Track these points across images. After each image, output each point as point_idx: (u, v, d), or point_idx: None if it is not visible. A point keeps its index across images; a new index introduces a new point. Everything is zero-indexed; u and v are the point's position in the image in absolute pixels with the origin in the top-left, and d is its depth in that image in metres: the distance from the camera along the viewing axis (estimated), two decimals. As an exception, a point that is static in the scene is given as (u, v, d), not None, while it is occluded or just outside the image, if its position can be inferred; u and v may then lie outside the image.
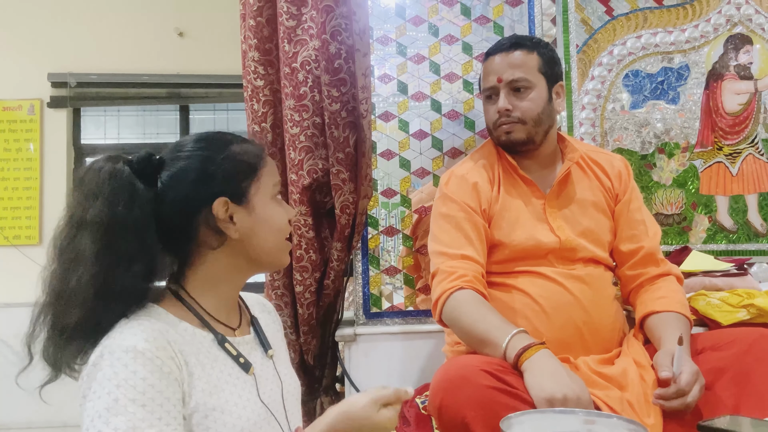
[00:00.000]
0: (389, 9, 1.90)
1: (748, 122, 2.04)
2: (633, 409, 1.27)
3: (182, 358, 0.89)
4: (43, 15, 4.07)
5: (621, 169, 1.58)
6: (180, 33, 4.15)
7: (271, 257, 1.02)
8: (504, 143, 1.54)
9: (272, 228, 0.99)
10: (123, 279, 0.88)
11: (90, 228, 0.88)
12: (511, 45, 1.54)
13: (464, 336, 1.37)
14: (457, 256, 1.43)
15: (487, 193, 1.50)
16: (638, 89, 2.03)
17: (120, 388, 0.81)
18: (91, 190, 0.90)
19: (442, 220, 1.51)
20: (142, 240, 0.90)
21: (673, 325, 1.35)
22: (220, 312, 0.99)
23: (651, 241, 1.51)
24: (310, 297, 1.71)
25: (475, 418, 1.13)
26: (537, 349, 1.20)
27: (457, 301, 1.36)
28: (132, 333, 0.86)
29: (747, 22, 2.04)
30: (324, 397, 1.82)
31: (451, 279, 1.39)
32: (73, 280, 0.87)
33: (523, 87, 1.51)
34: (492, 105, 1.54)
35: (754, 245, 2.02)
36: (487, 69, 1.57)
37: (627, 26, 2.03)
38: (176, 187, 0.94)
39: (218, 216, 0.94)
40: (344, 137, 1.66)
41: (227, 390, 0.92)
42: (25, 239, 3.98)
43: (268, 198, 1.00)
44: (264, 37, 1.71)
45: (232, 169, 0.96)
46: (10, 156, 4.02)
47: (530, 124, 1.50)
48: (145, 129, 4.44)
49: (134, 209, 0.90)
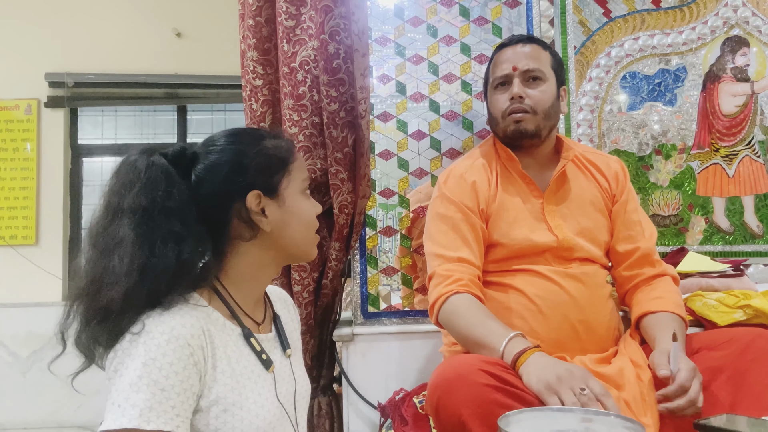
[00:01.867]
0: (388, 10, 1.90)
1: (745, 124, 2.05)
2: (630, 408, 1.27)
3: (211, 349, 0.90)
4: (40, 15, 4.07)
5: (618, 171, 1.59)
6: (178, 33, 4.16)
7: (301, 249, 1.04)
8: (512, 133, 1.52)
9: (302, 221, 1.01)
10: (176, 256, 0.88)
11: (128, 214, 0.89)
12: (527, 39, 1.57)
13: (461, 340, 1.38)
14: (454, 259, 1.43)
15: (486, 192, 1.50)
16: (636, 91, 2.04)
17: (146, 367, 0.83)
18: (128, 180, 0.91)
19: (439, 221, 1.51)
20: (184, 221, 0.90)
21: (668, 325, 1.36)
22: (248, 306, 1.01)
23: (647, 242, 1.52)
24: (308, 297, 1.71)
25: (472, 417, 1.13)
26: (532, 352, 1.20)
27: (453, 305, 1.37)
28: (171, 317, 0.87)
29: (744, 24, 2.05)
30: (321, 397, 1.81)
31: (447, 283, 1.39)
32: (113, 262, 0.87)
33: (538, 78, 1.51)
34: (503, 93, 1.54)
35: (751, 246, 2.03)
36: (500, 59, 1.56)
37: (625, 28, 2.04)
38: (211, 179, 0.95)
39: (251, 208, 0.96)
40: (343, 137, 1.66)
41: (248, 386, 0.93)
42: (21, 239, 3.98)
43: (298, 192, 1.02)
44: (263, 37, 1.71)
45: (265, 162, 0.98)
46: (7, 156, 4.02)
47: (540, 115, 1.50)
48: (142, 129, 4.44)
49: (173, 194, 0.91)
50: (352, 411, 1.75)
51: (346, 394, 1.76)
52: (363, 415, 1.75)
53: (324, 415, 1.80)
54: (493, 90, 1.57)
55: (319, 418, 1.80)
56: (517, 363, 1.20)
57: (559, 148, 1.58)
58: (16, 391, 3.82)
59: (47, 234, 4.01)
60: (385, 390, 1.69)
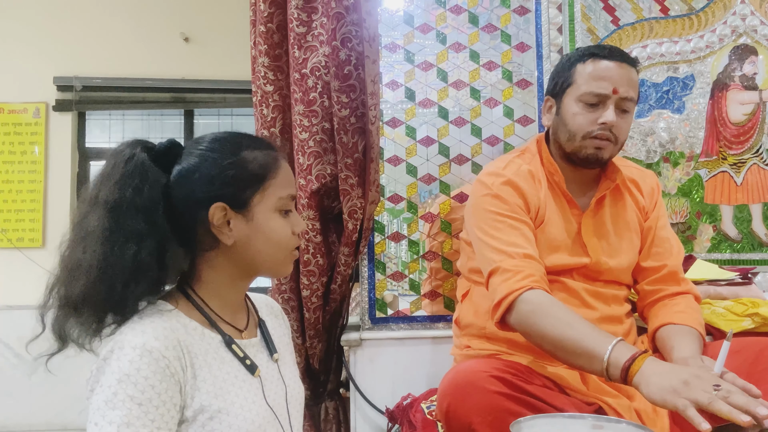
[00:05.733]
0: (397, 17, 1.92)
1: (753, 132, 2.05)
2: (641, 417, 1.27)
3: (189, 359, 0.89)
4: (49, 19, 4.09)
5: (653, 186, 1.56)
6: (185, 38, 4.18)
7: (266, 267, 1.01)
8: (588, 157, 1.42)
9: (269, 240, 0.98)
10: (133, 256, 0.89)
11: (100, 207, 0.90)
12: (626, 58, 1.42)
13: (547, 344, 1.23)
14: (520, 255, 1.32)
15: (535, 203, 1.44)
16: (644, 98, 2.04)
17: (121, 383, 0.83)
18: (107, 172, 0.92)
19: (494, 218, 1.40)
20: (149, 221, 0.91)
21: (687, 338, 1.31)
22: (226, 313, 1.00)
23: (675, 259, 1.49)
24: (316, 301, 1.71)
25: (482, 425, 1.14)
26: (644, 358, 1.10)
27: (531, 303, 1.24)
28: (142, 330, 0.87)
29: (752, 32, 2.06)
30: (328, 402, 1.82)
31: (518, 278, 1.27)
32: (81, 253, 0.89)
33: (630, 108, 1.42)
34: (592, 113, 1.40)
35: (759, 255, 2.03)
36: (599, 72, 1.40)
37: (633, 36, 2.05)
38: (183, 183, 0.95)
39: (212, 220, 0.95)
40: (353, 143, 1.67)
41: (233, 392, 0.93)
42: (28, 242, 3.99)
43: (271, 210, 0.98)
44: (274, 43, 1.73)
45: (236, 175, 0.96)
46: (15, 159, 4.03)
47: (619, 146, 1.43)
48: (149, 133, 4.45)
49: (143, 191, 0.91)
50: (360, 416, 1.76)
51: (354, 399, 1.76)
52: (370, 420, 1.75)
53: (331, 420, 1.80)
54: (580, 102, 1.41)
55: (326, 423, 1.80)
56: (629, 372, 1.09)
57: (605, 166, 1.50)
58: (21, 393, 3.82)
59: (54, 237, 4.02)
60: (393, 395, 1.69)
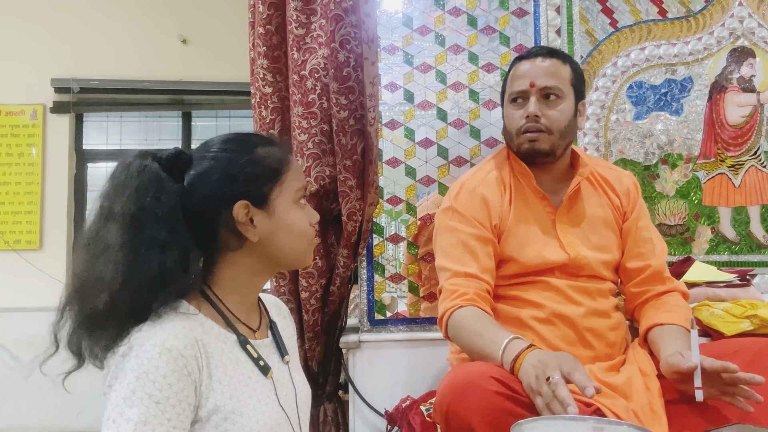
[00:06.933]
0: (396, 19, 1.92)
1: (751, 134, 2.06)
2: (638, 418, 1.27)
3: (205, 359, 0.89)
4: (46, 20, 4.09)
5: (629, 186, 1.58)
6: (183, 40, 4.18)
7: (292, 259, 1.03)
8: (526, 152, 1.49)
9: (292, 232, 1.00)
10: (159, 265, 0.88)
11: (118, 219, 0.89)
12: (547, 53, 1.51)
13: (468, 352, 1.37)
14: (461, 274, 1.42)
15: (498, 208, 1.48)
16: (642, 100, 2.04)
17: (140, 381, 0.83)
18: (120, 184, 0.91)
19: (448, 234, 1.49)
20: (171, 228, 0.90)
21: (674, 337, 1.35)
22: (241, 313, 1.00)
23: (658, 259, 1.51)
24: (315, 303, 1.71)
25: (482, 425, 1.13)
26: (525, 354, 1.18)
27: (455, 320, 1.37)
28: (162, 329, 0.87)
29: (750, 35, 2.06)
30: (327, 404, 1.81)
31: (452, 297, 1.39)
32: (100, 267, 0.88)
33: (555, 96, 1.47)
34: (518, 110, 1.50)
35: (757, 256, 2.03)
36: (517, 73, 1.52)
37: (631, 38, 2.05)
38: (200, 186, 0.95)
39: (238, 218, 0.95)
40: (352, 145, 1.67)
41: (247, 393, 0.93)
42: (25, 244, 3.99)
43: (290, 202, 1.00)
44: (273, 45, 1.73)
45: (255, 172, 0.97)
46: (12, 160, 4.03)
47: (556, 135, 1.47)
48: (147, 135, 4.45)
49: (161, 201, 0.90)
50: (359, 418, 1.75)
51: (353, 401, 1.76)
52: (369, 422, 1.75)
53: (330, 422, 1.80)
54: (510, 104, 1.53)
55: (325, 425, 1.80)
56: (514, 370, 1.18)
57: (574, 162, 1.56)
58: (17, 396, 3.82)
59: (51, 239, 4.01)
60: (392, 397, 1.69)
